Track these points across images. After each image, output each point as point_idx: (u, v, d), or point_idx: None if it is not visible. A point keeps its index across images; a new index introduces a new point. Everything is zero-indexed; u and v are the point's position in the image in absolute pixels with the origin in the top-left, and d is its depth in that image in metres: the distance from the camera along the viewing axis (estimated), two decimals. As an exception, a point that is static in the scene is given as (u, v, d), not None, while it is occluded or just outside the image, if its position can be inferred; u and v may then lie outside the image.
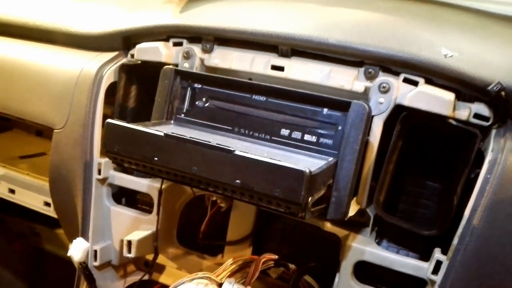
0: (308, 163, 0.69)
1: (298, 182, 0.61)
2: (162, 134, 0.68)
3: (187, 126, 0.84)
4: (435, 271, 0.74)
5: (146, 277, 1.03)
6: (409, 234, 0.82)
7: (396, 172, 0.85)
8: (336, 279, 0.83)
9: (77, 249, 0.90)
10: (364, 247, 0.81)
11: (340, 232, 0.84)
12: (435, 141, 0.87)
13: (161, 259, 1.00)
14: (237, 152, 0.64)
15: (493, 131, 0.76)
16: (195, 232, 1.00)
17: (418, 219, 0.87)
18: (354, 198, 0.82)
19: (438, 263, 0.74)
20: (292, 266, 0.87)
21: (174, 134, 0.68)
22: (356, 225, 0.85)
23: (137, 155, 0.70)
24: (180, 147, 0.67)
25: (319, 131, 0.77)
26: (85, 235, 0.97)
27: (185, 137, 0.67)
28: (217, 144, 0.65)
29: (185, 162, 0.67)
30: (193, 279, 0.86)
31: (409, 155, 0.87)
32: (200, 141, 0.66)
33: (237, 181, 0.63)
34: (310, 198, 0.63)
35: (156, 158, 0.68)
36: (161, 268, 1.02)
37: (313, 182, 0.63)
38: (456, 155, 0.84)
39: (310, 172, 0.62)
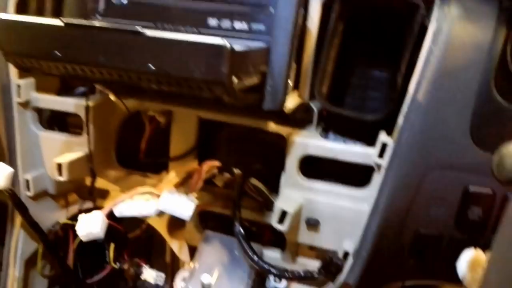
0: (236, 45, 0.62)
1: (218, 58, 0.54)
2: (61, 24, 0.59)
3: (105, 28, 0.75)
4: (381, 154, 0.70)
5: (90, 205, 0.97)
6: (355, 125, 0.78)
7: (340, 65, 0.80)
8: (283, 178, 0.79)
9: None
10: (309, 140, 0.76)
11: (284, 130, 0.79)
12: (379, 25, 0.81)
13: (102, 183, 0.94)
14: (147, 33, 0.56)
15: (437, 0, 0.70)
16: (135, 151, 0.93)
17: (366, 112, 0.83)
18: (296, 91, 0.76)
19: (384, 146, 0.70)
20: (237, 171, 0.82)
21: (74, 22, 0.59)
22: (300, 122, 0.80)
23: (37, 52, 0.61)
24: (83, 36, 0.58)
25: (250, 16, 0.69)
26: (14, 165, 0.89)
27: (86, 24, 0.58)
28: (123, 27, 0.57)
29: (91, 52, 0.58)
30: (133, 195, 0.81)
31: (353, 46, 0.81)
32: (104, 26, 0.57)
33: (150, 65, 0.56)
34: (236, 79, 0.56)
35: (57, 53, 0.59)
36: (104, 194, 0.96)
37: (237, 60, 0.56)
38: (402, 37, 0.78)
39: (232, 47, 0.54)
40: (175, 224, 0.93)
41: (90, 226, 0.75)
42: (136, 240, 1.05)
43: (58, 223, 0.96)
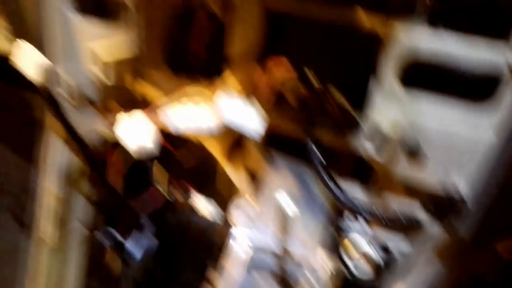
0: None
1: None
2: None
3: None
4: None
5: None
6: (479, 16, 0.56)
7: None
8: (375, 89, 0.59)
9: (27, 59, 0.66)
10: (418, 38, 0.55)
11: (378, 23, 0.59)
12: None
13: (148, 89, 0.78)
14: None
15: None
16: (187, 54, 0.76)
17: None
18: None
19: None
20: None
21: None
22: (399, 11, 0.58)
23: None
24: None
25: None
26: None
27: None
28: None
29: None
30: (180, 98, 0.64)
31: None
32: None
33: None
34: None
35: None
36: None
37: None
38: None
39: None
40: (235, 144, 0.78)
41: (140, 138, 0.60)
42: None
43: (101, 136, 0.82)
